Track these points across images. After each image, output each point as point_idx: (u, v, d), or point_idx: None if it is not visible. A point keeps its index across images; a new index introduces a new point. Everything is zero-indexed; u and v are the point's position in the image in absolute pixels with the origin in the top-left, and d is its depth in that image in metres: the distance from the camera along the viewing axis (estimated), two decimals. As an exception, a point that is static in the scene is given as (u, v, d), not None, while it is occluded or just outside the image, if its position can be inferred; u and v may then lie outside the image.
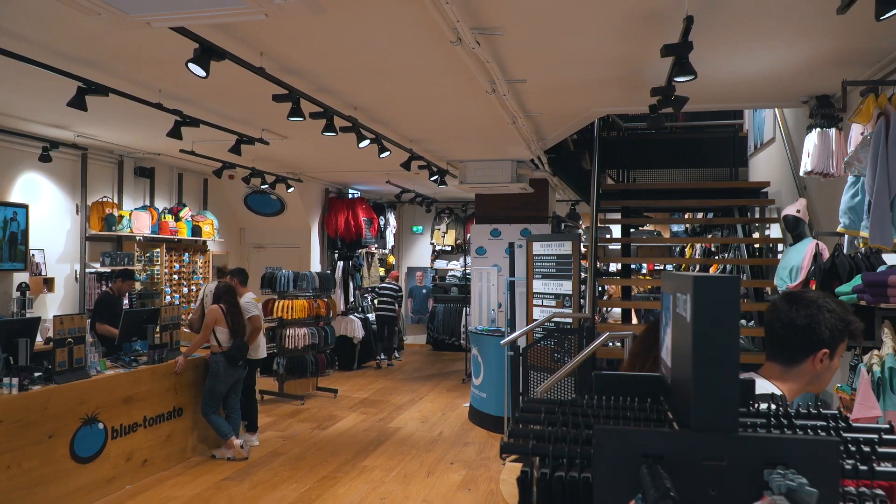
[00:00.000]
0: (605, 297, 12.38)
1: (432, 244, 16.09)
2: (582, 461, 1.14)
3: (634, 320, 9.50)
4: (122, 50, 5.00)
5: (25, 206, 7.98)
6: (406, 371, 12.63)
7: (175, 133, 6.38)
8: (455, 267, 15.82)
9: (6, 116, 7.29)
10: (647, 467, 1.00)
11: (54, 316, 5.73)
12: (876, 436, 1.21)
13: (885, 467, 1.10)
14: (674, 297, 1.30)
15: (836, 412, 1.41)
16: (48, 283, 8.28)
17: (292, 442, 7.66)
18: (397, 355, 13.79)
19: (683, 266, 11.62)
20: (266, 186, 10.76)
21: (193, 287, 10.75)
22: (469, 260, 13.30)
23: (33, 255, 8.12)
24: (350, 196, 13.89)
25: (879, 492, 1.08)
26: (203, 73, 4.21)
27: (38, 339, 6.41)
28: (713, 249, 10.48)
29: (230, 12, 2.97)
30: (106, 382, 5.91)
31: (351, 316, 12.52)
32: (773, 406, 1.42)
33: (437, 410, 9.36)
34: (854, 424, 1.30)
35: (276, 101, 5.50)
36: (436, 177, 9.84)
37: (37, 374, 5.40)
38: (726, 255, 9.51)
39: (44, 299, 8.38)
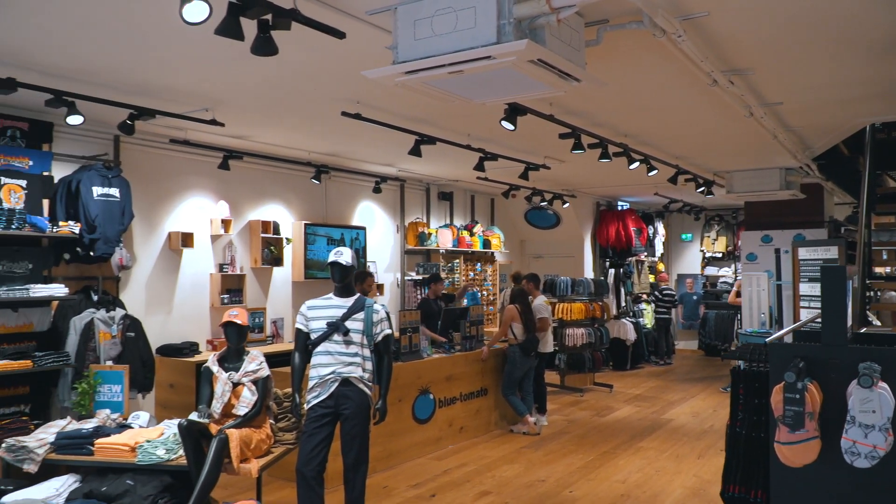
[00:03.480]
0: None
1: (702, 251, 16.45)
2: (765, 361, 2.17)
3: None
4: (445, 110, 6.64)
5: (364, 228, 10.24)
6: (677, 373, 13.27)
7: (479, 167, 8.01)
8: (726, 273, 16.01)
9: (352, 160, 9.53)
10: (794, 361, 2.02)
11: (399, 311, 7.58)
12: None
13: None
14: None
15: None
16: (379, 289, 10.46)
17: (575, 425, 8.89)
18: (669, 359, 14.46)
19: None
20: (544, 203, 12.23)
21: (485, 292, 12.51)
22: (739, 266, 13.58)
23: (369, 266, 10.36)
24: (619, 208, 14.89)
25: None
26: (512, 128, 5.64)
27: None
28: None
29: (539, 93, 4.29)
30: (433, 363, 7.63)
31: (623, 320, 13.49)
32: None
33: (709, 408, 9.99)
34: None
35: (561, 139, 6.81)
36: (702, 188, 10.50)
37: (388, 355, 7.24)
38: None
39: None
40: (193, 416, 4.74)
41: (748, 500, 2.68)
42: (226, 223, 8.33)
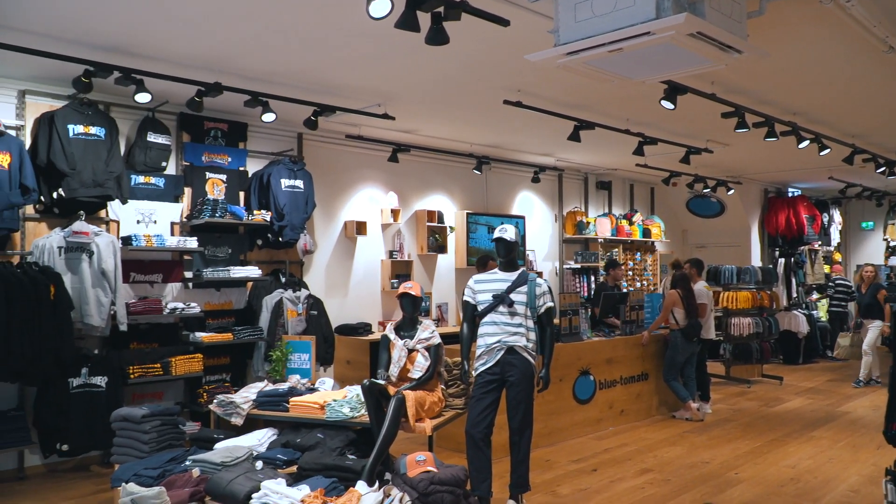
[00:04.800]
0: None
1: (885, 239, 15.26)
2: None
3: None
4: (604, 95, 6.77)
5: (523, 217, 10.53)
6: (856, 368, 12.36)
7: (639, 151, 8.04)
8: (914, 263, 14.75)
9: (512, 151, 9.84)
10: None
11: (560, 293, 7.78)
12: None
13: None
14: None
15: None
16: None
17: (741, 413, 8.66)
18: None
19: None
20: (707, 190, 11.92)
21: (644, 282, 12.38)
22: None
23: (528, 254, 10.63)
24: (790, 194, 14.16)
25: None
26: (672, 107, 5.69)
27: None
28: None
29: (699, 68, 4.34)
30: (593, 345, 7.77)
31: (795, 311, 12.83)
32: None
33: (892, 402, 9.34)
34: None
35: (723, 118, 6.73)
36: (883, 169, 9.84)
37: (549, 335, 7.47)
38: None
39: (535, 289, 10.85)
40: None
41: (911, 437, 2.65)
42: (395, 213, 8.91)
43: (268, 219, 7.27)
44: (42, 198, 6.02)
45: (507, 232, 5.00)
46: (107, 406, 5.89)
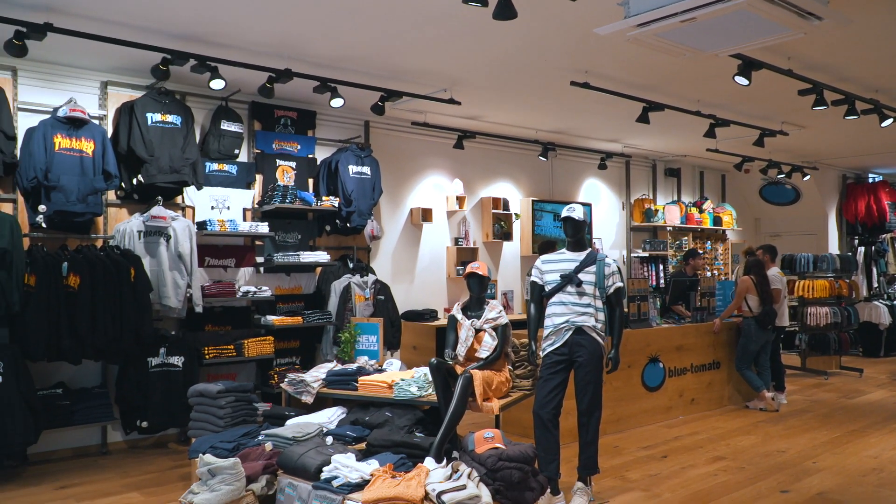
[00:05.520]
0: None
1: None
2: None
3: None
4: (672, 73, 6.62)
5: (589, 205, 10.40)
6: (944, 362, 11.85)
7: (710, 134, 7.83)
8: None
9: (578, 137, 9.73)
10: None
11: (628, 279, 7.65)
12: None
13: None
14: None
15: None
16: (605, 264, 10.57)
17: (819, 405, 8.36)
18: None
19: None
20: (782, 176, 11.52)
21: (715, 272, 12.07)
22: None
23: (595, 242, 10.50)
24: (870, 180, 13.59)
25: None
26: (746, 82, 5.52)
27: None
28: None
29: (776, 37, 4.21)
30: (663, 332, 7.62)
31: (875, 302, 12.30)
32: None
33: (984, 396, 8.87)
34: None
35: (800, 96, 6.49)
36: (974, 150, 9.33)
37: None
38: None
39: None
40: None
41: None
42: (460, 200, 8.94)
43: (336, 205, 7.38)
44: (123, 184, 6.27)
45: (576, 211, 4.94)
46: (183, 385, 6.08)
